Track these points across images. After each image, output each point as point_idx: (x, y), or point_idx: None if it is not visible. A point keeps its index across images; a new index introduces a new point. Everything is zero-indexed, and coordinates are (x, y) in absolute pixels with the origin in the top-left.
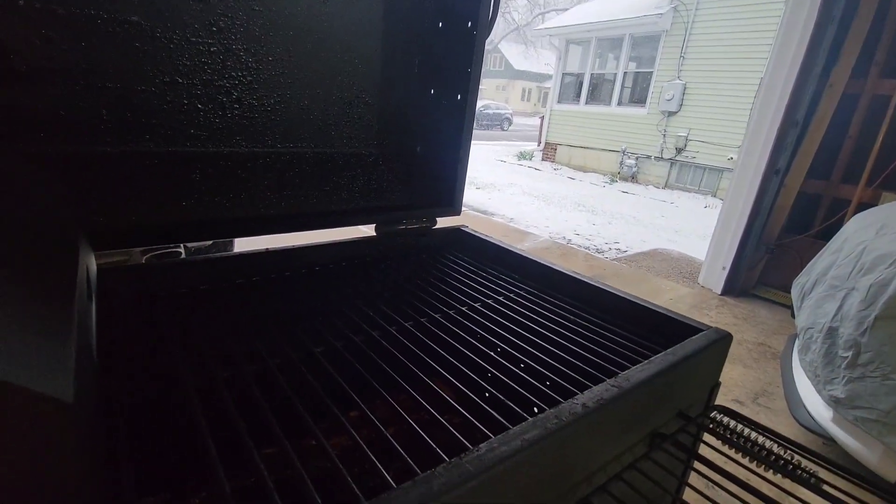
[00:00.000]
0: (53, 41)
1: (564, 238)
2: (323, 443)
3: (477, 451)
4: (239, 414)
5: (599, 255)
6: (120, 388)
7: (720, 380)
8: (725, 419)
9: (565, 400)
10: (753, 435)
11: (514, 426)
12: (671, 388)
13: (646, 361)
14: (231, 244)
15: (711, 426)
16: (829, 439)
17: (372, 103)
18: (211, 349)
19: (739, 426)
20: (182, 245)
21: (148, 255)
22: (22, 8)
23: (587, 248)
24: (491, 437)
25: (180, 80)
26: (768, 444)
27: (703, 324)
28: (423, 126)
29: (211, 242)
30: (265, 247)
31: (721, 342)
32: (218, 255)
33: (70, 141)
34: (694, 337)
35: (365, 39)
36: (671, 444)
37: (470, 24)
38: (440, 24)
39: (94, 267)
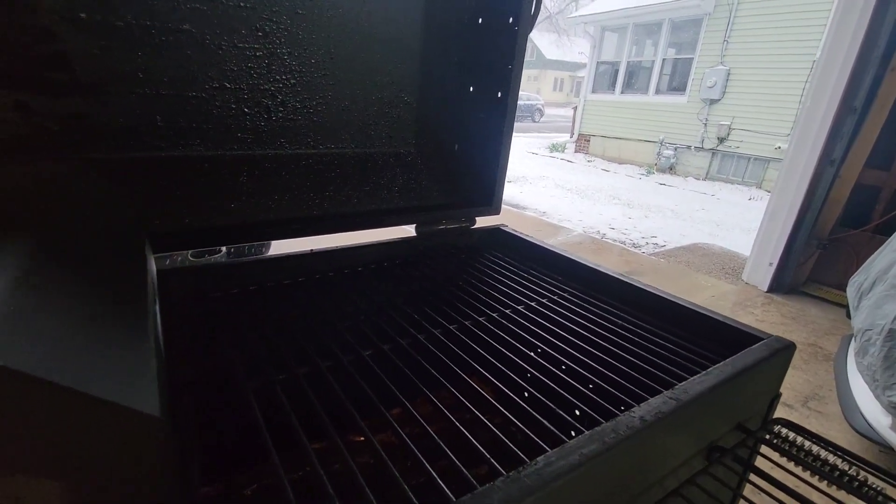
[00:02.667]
0: (112, 52)
1: (599, 232)
2: (371, 439)
3: (535, 464)
4: (293, 413)
5: (636, 250)
6: (182, 385)
7: (780, 391)
8: (784, 431)
9: (619, 411)
10: (815, 449)
11: (567, 437)
12: (731, 400)
13: (704, 372)
14: (267, 245)
15: (773, 440)
16: (887, 447)
17: (411, 102)
18: (263, 349)
19: (799, 439)
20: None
21: (191, 255)
22: (84, 21)
23: (623, 242)
24: (547, 449)
25: (228, 85)
26: (832, 458)
27: (763, 332)
28: (461, 124)
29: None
30: (309, 248)
31: (784, 352)
32: (265, 256)
33: (128, 147)
34: (754, 346)
35: (404, 38)
36: (731, 459)
37: (512, 19)
38: (479, 21)
39: (154, 269)
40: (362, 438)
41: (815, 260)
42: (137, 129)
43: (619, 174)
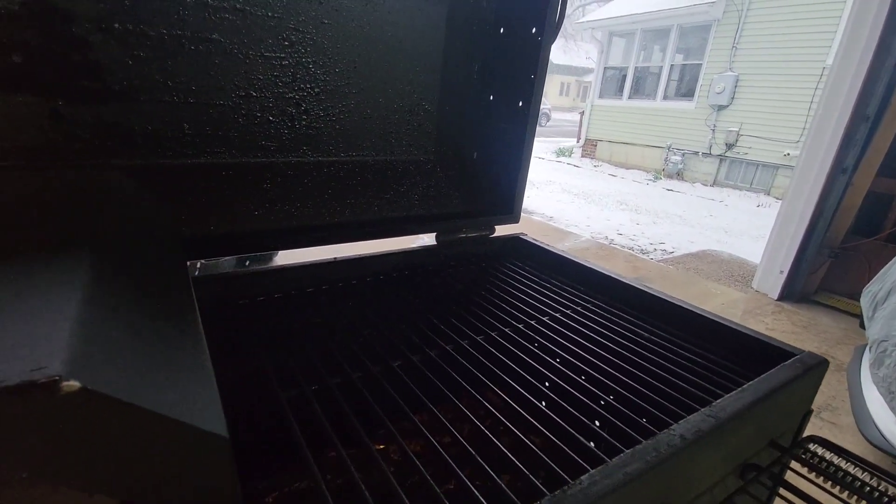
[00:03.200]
0: (144, 61)
1: (606, 238)
2: (406, 448)
3: (579, 483)
4: (327, 422)
5: (644, 256)
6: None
7: (812, 407)
8: (818, 448)
9: (657, 428)
10: (844, 465)
11: (605, 454)
12: (765, 417)
13: (739, 389)
14: (274, 253)
15: (805, 456)
16: None
17: (431, 110)
18: (293, 357)
19: (829, 454)
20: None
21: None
22: (117, 31)
23: (631, 248)
24: (587, 468)
25: (254, 94)
26: (867, 477)
27: (795, 347)
28: (481, 133)
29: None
30: (332, 256)
31: (817, 368)
32: (290, 264)
33: (156, 154)
34: (787, 362)
35: (426, 48)
36: (766, 477)
37: (535, 29)
38: (501, 30)
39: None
40: (393, 446)
41: (827, 268)
42: (165, 137)
43: (626, 179)
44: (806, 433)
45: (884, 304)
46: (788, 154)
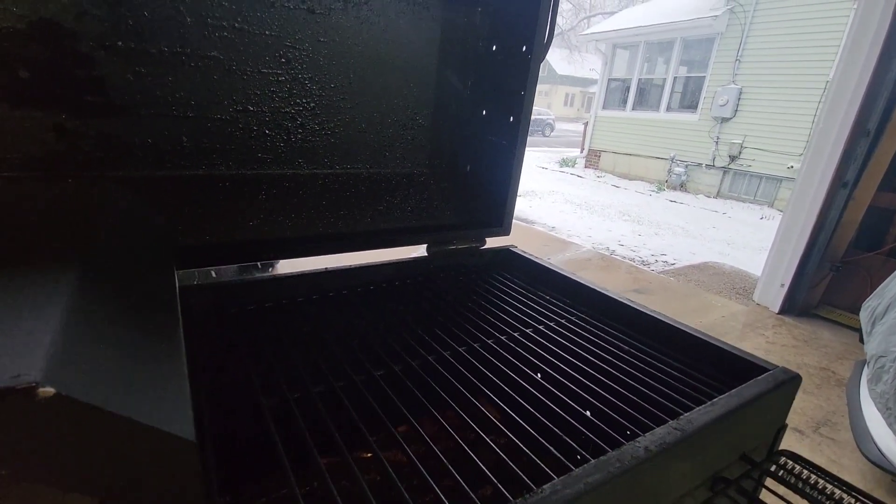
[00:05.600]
0: (145, 77)
1: (608, 249)
2: (382, 458)
3: (541, 492)
4: (307, 430)
5: (645, 268)
6: (203, 399)
7: (787, 423)
8: (790, 464)
9: (624, 438)
10: (821, 483)
11: (572, 463)
12: (735, 431)
13: (709, 403)
14: (273, 262)
15: (774, 469)
16: None
17: (425, 125)
18: (279, 365)
19: (805, 472)
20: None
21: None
22: (120, 48)
23: (632, 259)
24: (552, 476)
25: (251, 108)
26: (837, 492)
27: (769, 363)
28: (474, 147)
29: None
30: (324, 266)
31: (790, 383)
32: (281, 273)
33: (155, 166)
34: (760, 377)
35: (421, 64)
36: (735, 491)
37: (525, 47)
38: (494, 48)
39: (177, 285)
40: (370, 455)
41: (828, 282)
42: (164, 149)
43: (629, 190)
44: (804, 449)
45: (882, 319)
46: (792, 167)
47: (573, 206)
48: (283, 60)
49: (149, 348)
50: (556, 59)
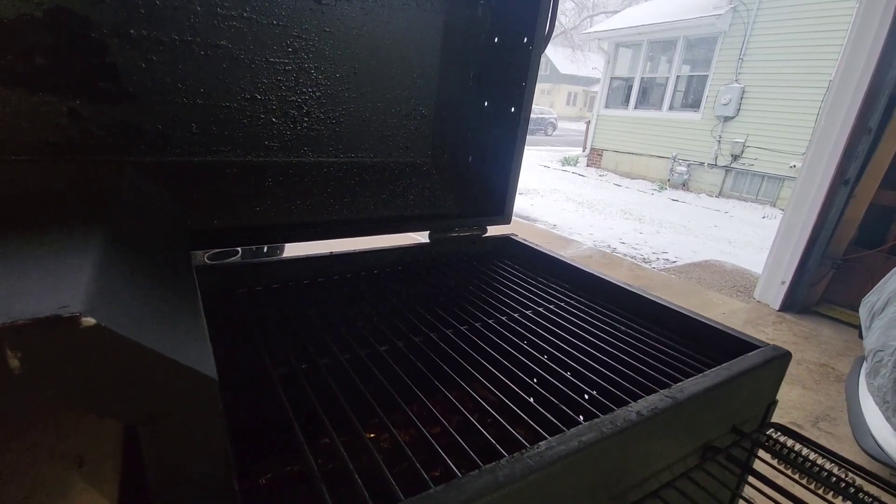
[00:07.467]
0: (156, 65)
1: (609, 246)
2: (394, 433)
3: (537, 448)
4: (317, 402)
5: (646, 265)
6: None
7: (777, 398)
8: (782, 437)
9: (619, 408)
10: (812, 455)
11: (568, 429)
12: (725, 402)
13: (700, 375)
14: (281, 247)
15: (767, 443)
16: None
17: (428, 115)
18: (287, 341)
19: (798, 445)
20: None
21: (209, 255)
22: (133, 36)
23: (633, 257)
24: (548, 438)
25: (259, 97)
26: (828, 465)
27: (760, 340)
28: (475, 137)
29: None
30: (329, 251)
31: (779, 360)
32: (287, 257)
33: (165, 152)
34: (750, 353)
35: (424, 55)
36: (724, 458)
37: (526, 39)
38: (496, 40)
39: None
40: (376, 422)
41: (829, 280)
42: (174, 136)
43: (630, 189)
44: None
45: (881, 314)
46: (794, 166)
47: (575, 205)
48: (290, 50)
49: (173, 302)
50: (559, 57)
